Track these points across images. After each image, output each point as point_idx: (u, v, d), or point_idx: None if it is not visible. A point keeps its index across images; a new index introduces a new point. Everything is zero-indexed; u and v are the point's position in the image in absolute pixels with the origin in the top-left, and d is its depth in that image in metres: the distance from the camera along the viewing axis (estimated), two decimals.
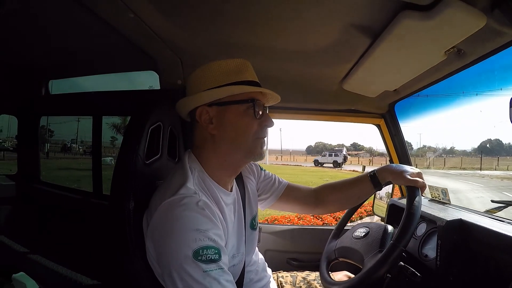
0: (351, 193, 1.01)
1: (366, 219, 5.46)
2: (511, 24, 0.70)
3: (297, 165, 30.88)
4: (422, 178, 0.89)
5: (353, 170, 19.85)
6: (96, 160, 1.87)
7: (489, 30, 0.73)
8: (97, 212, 1.62)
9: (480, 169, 25.27)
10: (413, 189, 0.86)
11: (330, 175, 15.79)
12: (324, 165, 28.48)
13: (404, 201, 0.92)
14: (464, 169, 28.74)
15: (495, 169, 24.96)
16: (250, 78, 0.75)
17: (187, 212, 0.60)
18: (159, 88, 1.29)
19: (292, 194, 1.02)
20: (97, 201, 1.75)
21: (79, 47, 1.33)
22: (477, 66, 0.97)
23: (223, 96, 0.72)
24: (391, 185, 1.37)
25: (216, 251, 0.59)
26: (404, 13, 0.71)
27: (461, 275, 0.91)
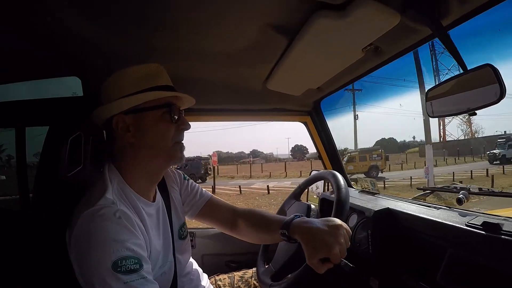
0: (263, 237, 0.93)
1: None
2: (424, 22, 0.72)
3: None
4: (344, 245, 0.71)
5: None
6: (22, 175, 1.70)
7: (404, 28, 0.75)
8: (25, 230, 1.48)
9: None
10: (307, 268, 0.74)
11: None
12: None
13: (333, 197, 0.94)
14: None
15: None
16: (164, 82, 0.75)
17: (104, 222, 0.59)
18: (82, 94, 1.21)
19: (210, 212, 0.99)
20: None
21: None
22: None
23: (138, 103, 0.71)
24: (322, 181, 1.43)
25: (136, 260, 0.58)
26: (318, 12, 0.72)
27: (394, 259, 0.93)
